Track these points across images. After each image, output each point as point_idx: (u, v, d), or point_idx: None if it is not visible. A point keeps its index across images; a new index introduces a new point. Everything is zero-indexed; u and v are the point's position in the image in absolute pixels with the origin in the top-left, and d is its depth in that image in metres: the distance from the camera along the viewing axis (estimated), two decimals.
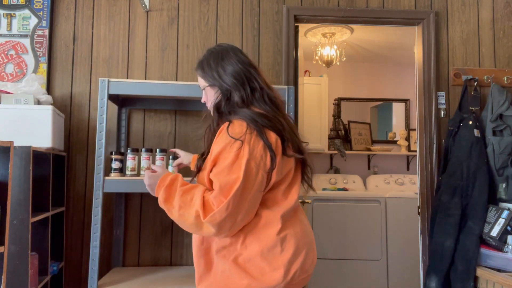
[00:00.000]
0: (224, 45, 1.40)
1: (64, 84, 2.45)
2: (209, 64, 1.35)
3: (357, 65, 4.69)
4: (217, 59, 1.34)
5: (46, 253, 2.08)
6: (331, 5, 2.61)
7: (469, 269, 2.18)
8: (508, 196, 2.33)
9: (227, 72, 1.31)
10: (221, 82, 1.32)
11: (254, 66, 1.37)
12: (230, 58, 1.33)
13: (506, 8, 2.71)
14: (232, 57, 1.34)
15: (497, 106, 2.46)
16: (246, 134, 1.20)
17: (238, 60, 1.34)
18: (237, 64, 1.32)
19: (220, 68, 1.32)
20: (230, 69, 1.31)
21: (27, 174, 1.84)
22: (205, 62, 1.36)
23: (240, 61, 1.33)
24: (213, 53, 1.36)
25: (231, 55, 1.34)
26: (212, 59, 1.35)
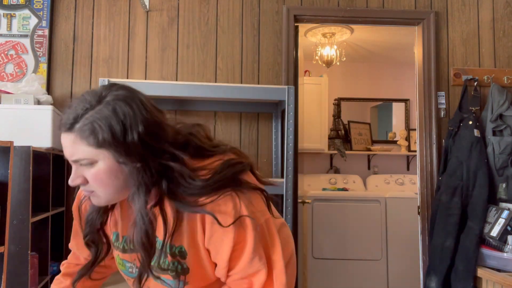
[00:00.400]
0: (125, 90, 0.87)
1: (64, 84, 2.45)
2: (124, 126, 0.82)
3: (357, 65, 4.69)
4: (134, 116, 0.83)
5: (46, 253, 2.08)
6: (331, 5, 2.61)
7: (469, 269, 2.18)
8: (508, 196, 2.33)
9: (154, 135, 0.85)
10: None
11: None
12: (146, 108, 0.87)
13: (506, 8, 2.71)
14: (146, 105, 0.88)
15: (497, 106, 2.46)
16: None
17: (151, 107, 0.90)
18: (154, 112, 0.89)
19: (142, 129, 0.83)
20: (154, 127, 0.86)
21: (27, 174, 1.84)
22: (116, 123, 0.81)
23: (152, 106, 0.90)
24: (120, 107, 0.83)
25: (145, 103, 0.88)
26: (128, 116, 0.82)
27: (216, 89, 2.14)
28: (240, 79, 2.53)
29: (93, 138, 0.80)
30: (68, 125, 0.82)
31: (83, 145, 0.81)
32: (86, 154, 0.82)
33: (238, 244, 0.86)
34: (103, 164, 0.82)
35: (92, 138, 0.80)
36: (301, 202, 3.11)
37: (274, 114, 2.51)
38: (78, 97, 0.86)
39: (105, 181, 0.83)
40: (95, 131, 0.80)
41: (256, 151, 2.51)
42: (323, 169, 4.45)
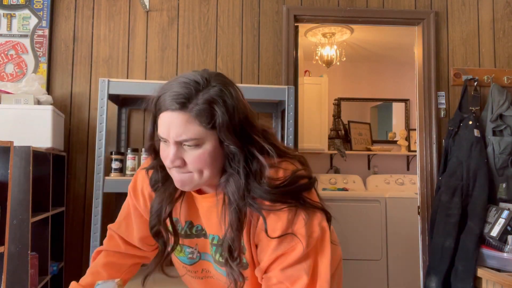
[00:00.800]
0: (222, 77, 0.94)
1: (64, 84, 2.45)
2: (231, 110, 0.85)
3: (357, 65, 4.69)
4: (237, 103, 0.88)
5: (46, 253, 2.08)
6: (331, 5, 2.61)
7: (469, 269, 2.18)
8: (508, 196, 2.33)
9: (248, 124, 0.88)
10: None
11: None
12: (241, 99, 0.91)
13: (506, 8, 2.71)
14: (242, 96, 0.93)
15: (497, 106, 2.46)
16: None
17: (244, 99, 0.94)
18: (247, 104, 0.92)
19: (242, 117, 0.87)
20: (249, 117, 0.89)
21: (27, 174, 1.84)
22: (223, 106, 0.84)
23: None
24: (228, 92, 0.88)
25: (240, 94, 0.94)
26: (232, 102, 0.87)
27: None
28: (240, 79, 2.53)
29: (208, 118, 0.79)
30: (180, 104, 0.80)
31: (196, 125, 0.80)
32: (197, 134, 0.81)
33: (288, 246, 0.83)
34: (209, 145, 0.82)
35: (207, 118, 0.79)
36: None
37: (274, 114, 2.51)
38: (175, 78, 0.85)
39: (208, 163, 0.83)
40: (212, 112, 0.79)
41: None
42: (323, 169, 4.45)
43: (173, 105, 0.80)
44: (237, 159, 0.83)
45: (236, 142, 0.82)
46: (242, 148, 0.83)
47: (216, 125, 0.80)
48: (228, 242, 0.85)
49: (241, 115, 0.83)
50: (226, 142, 0.82)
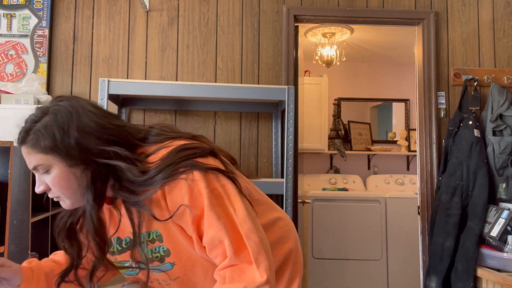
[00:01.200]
0: (66, 100, 0.93)
1: (64, 84, 2.45)
2: (63, 132, 0.88)
3: (357, 65, 4.69)
4: (73, 122, 0.89)
5: (46, 253, 2.08)
6: (331, 5, 2.61)
7: (469, 269, 2.18)
8: (508, 196, 2.33)
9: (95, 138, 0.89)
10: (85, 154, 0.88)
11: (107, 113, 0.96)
12: (87, 114, 0.91)
13: (506, 8, 2.71)
14: (88, 111, 0.92)
15: (497, 106, 2.46)
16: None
17: (94, 111, 0.93)
18: (98, 116, 0.92)
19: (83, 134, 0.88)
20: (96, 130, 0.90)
21: (27, 174, 1.84)
22: (56, 130, 0.88)
23: (97, 111, 0.93)
24: (61, 116, 0.89)
25: (86, 109, 0.92)
26: (67, 124, 0.88)
27: (216, 89, 2.14)
28: (240, 79, 2.53)
29: (39, 146, 0.88)
30: (21, 139, 0.92)
31: (35, 153, 0.89)
32: (39, 161, 0.89)
33: (197, 211, 0.86)
34: (56, 169, 0.89)
35: (39, 146, 0.88)
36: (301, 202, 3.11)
37: (274, 114, 2.51)
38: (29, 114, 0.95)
39: (62, 185, 0.90)
40: (39, 139, 0.88)
41: (256, 151, 2.51)
42: (323, 169, 4.45)
43: (18, 141, 0.93)
44: (89, 175, 0.88)
45: (77, 162, 0.87)
46: (88, 164, 0.88)
47: (50, 151, 0.87)
48: (134, 237, 0.90)
49: (75, 134, 0.87)
50: (67, 163, 0.87)
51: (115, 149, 0.88)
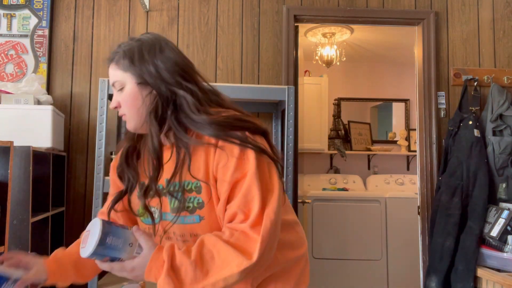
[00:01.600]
0: (154, 35, 1.08)
1: (64, 84, 2.45)
2: (140, 53, 0.99)
3: (357, 65, 4.69)
4: (153, 49, 1.01)
5: (46, 253, 2.08)
6: (331, 5, 2.61)
7: (469, 269, 2.18)
8: (508, 196, 2.33)
9: (169, 68, 0.98)
10: (161, 81, 0.97)
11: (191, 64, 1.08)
12: (169, 49, 1.03)
13: (506, 8, 2.71)
14: (172, 48, 1.04)
15: (497, 106, 2.46)
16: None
17: (178, 52, 1.05)
18: (180, 57, 1.03)
19: (159, 61, 0.98)
20: (172, 63, 1.00)
21: (27, 174, 1.84)
22: (135, 51, 1.00)
23: (181, 54, 1.05)
24: (144, 41, 1.03)
25: (170, 47, 1.05)
26: (146, 47, 1.01)
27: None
28: (240, 79, 2.53)
29: (120, 64, 1.00)
30: (109, 58, 1.04)
31: (116, 69, 1.01)
32: (118, 77, 1.00)
33: (240, 174, 0.89)
34: (128, 87, 0.99)
35: (120, 64, 1.00)
36: (301, 202, 3.11)
37: (274, 114, 2.51)
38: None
39: (129, 103, 0.99)
40: (121, 58, 1.00)
41: None
42: (323, 169, 4.45)
43: (107, 61, 1.05)
44: (155, 99, 0.96)
45: (148, 83, 0.97)
46: (158, 88, 0.96)
47: (128, 69, 0.98)
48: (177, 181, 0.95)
49: (155, 59, 0.98)
50: (139, 82, 0.97)
51: (187, 84, 0.98)
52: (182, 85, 0.97)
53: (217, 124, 0.92)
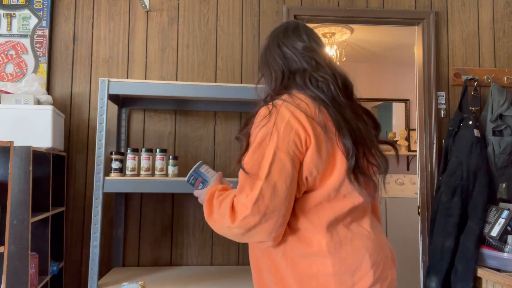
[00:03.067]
0: (283, 24, 1.29)
1: (64, 84, 2.45)
2: (266, 46, 1.30)
3: (357, 65, 4.69)
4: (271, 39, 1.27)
5: (46, 253, 2.08)
6: (331, 5, 2.61)
7: (469, 269, 2.18)
8: (508, 196, 2.33)
9: (270, 63, 1.26)
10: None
11: (307, 48, 1.20)
12: (275, 44, 1.24)
13: (506, 8, 2.71)
14: (277, 42, 1.23)
15: (497, 106, 2.46)
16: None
17: (284, 43, 1.22)
18: (280, 50, 1.22)
19: (271, 49, 1.26)
20: (272, 58, 1.24)
21: (27, 174, 1.84)
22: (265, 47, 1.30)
23: (287, 44, 1.22)
24: (270, 36, 1.30)
25: (277, 40, 1.24)
26: (270, 39, 1.28)
27: (216, 89, 2.14)
28: (240, 79, 2.53)
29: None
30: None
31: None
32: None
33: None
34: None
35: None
36: None
37: None
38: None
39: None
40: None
41: None
42: None
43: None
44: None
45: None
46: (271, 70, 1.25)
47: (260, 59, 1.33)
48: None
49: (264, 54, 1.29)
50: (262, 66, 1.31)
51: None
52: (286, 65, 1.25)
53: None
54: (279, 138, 1.02)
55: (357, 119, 1.11)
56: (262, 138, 1.04)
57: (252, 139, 1.07)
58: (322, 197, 1.05)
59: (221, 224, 1.06)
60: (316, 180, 1.04)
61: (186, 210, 2.44)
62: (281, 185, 1.00)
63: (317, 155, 1.02)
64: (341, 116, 1.07)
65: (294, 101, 1.08)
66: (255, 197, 0.99)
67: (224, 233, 1.08)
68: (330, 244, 1.02)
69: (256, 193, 0.99)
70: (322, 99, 1.08)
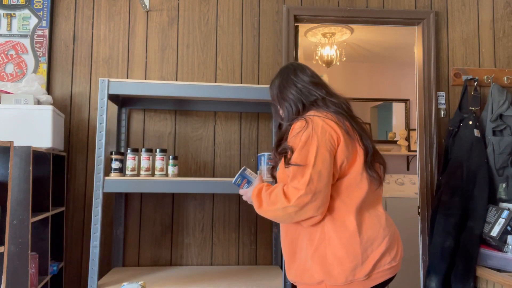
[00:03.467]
0: (290, 66, 1.64)
1: (64, 84, 2.45)
2: (273, 93, 1.64)
3: (357, 65, 4.69)
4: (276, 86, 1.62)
5: (46, 253, 2.08)
6: (331, 5, 2.61)
7: (469, 269, 2.18)
8: (508, 196, 2.33)
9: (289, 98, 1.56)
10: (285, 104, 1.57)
11: (315, 82, 1.58)
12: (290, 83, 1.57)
13: (506, 8, 2.71)
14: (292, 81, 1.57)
15: (497, 106, 2.46)
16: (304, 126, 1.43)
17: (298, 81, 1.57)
18: (296, 86, 1.56)
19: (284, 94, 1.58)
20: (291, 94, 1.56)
21: (27, 174, 1.84)
22: (271, 93, 1.66)
23: (300, 81, 1.56)
24: (274, 82, 1.65)
25: (291, 80, 1.58)
26: (276, 89, 1.62)
27: (216, 89, 2.14)
28: (240, 79, 2.53)
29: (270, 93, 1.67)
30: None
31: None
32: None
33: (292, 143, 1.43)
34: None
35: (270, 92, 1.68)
36: None
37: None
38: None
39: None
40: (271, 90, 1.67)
41: (256, 151, 2.51)
42: None
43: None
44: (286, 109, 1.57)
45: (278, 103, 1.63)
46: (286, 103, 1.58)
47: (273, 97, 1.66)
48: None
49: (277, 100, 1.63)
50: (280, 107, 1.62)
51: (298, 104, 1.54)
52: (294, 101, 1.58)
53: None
54: (318, 138, 1.36)
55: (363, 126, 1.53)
56: (306, 139, 1.37)
57: (296, 143, 1.39)
58: (350, 180, 1.40)
59: (275, 208, 1.37)
60: (346, 167, 1.40)
61: (186, 210, 2.44)
62: (324, 171, 1.34)
63: (346, 149, 1.39)
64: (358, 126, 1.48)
65: (320, 113, 1.45)
66: (307, 180, 1.32)
67: (277, 216, 1.39)
68: (358, 221, 1.37)
69: (307, 177, 1.32)
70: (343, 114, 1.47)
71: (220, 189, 2.04)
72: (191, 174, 2.46)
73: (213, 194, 2.47)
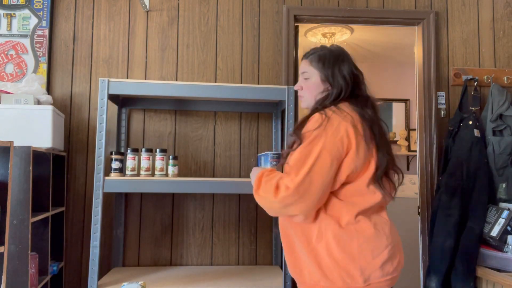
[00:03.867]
0: (340, 48, 1.60)
1: (64, 84, 2.45)
2: (329, 61, 1.51)
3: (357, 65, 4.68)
4: (337, 59, 1.52)
5: (46, 253, 2.08)
6: (331, 5, 2.61)
7: (469, 269, 2.18)
8: (508, 196, 2.33)
9: (341, 75, 1.48)
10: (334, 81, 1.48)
11: (361, 81, 1.55)
12: (347, 61, 1.54)
13: (506, 8, 2.71)
14: (349, 61, 1.55)
15: (497, 106, 2.46)
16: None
17: (353, 64, 1.55)
18: (353, 74, 1.52)
19: (337, 69, 1.49)
20: (344, 76, 1.49)
21: (27, 174, 1.84)
22: (326, 58, 1.51)
23: (357, 72, 1.55)
24: (333, 52, 1.54)
25: (348, 59, 1.55)
26: (333, 58, 1.51)
27: (216, 89, 2.14)
28: (240, 79, 2.53)
29: (314, 62, 1.52)
30: (306, 55, 1.55)
31: (309, 65, 1.53)
32: (307, 70, 1.53)
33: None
34: (313, 79, 1.51)
35: (313, 62, 1.52)
36: None
37: (274, 114, 2.51)
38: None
39: (310, 89, 1.52)
40: (314, 59, 1.52)
41: (256, 151, 2.51)
42: None
43: (304, 56, 1.57)
44: (327, 94, 1.48)
45: (330, 81, 1.49)
46: (333, 86, 1.48)
47: (317, 68, 1.51)
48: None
49: (335, 68, 1.50)
50: (323, 79, 1.49)
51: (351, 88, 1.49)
52: (348, 88, 1.47)
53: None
54: (326, 140, 1.30)
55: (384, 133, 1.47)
56: (313, 137, 1.32)
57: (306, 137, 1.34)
58: (355, 189, 1.35)
59: (265, 197, 1.34)
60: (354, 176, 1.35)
61: (186, 210, 2.44)
62: (318, 177, 1.28)
63: (356, 156, 1.32)
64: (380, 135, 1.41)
65: (341, 113, 1.37)
66: (298, 181, 1.27)
67: (264, 205, 1.36)
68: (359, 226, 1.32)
69: (300, 178, 1.27)
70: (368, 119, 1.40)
71: (220, 189, 2.04)
72: (191, 174, 2.46)
73: (213, 194, 2.47)
